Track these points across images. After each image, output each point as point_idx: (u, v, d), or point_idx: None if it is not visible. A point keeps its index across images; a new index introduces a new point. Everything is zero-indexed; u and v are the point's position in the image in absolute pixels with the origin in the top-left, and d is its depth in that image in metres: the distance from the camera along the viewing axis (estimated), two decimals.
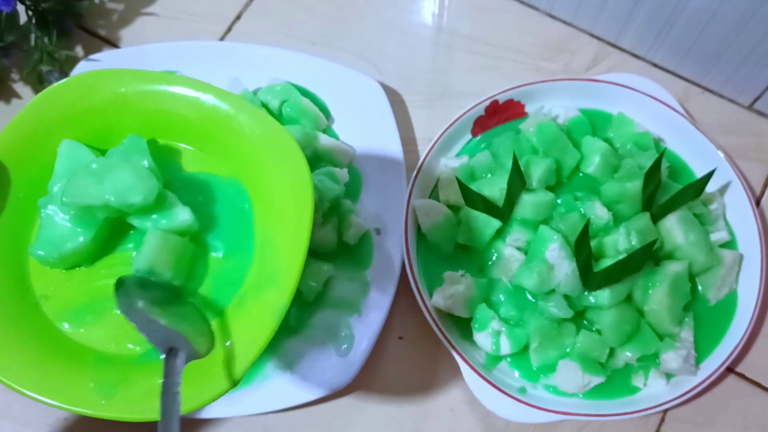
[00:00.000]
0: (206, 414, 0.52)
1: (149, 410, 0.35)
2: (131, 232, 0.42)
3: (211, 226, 0.42)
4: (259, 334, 0.36)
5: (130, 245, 0.42)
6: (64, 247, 0.39)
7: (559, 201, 0.56)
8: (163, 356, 0.33)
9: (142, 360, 0.38)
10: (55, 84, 0.42)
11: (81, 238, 0.39)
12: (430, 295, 0.54)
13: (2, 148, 0.40)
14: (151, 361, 0.38)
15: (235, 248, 0.42)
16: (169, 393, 0.32)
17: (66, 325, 0.39)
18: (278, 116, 0.61)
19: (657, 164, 0.54)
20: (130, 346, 0.39)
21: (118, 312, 0.36)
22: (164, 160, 0.43)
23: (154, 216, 0.40)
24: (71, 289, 0.40)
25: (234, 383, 0.35)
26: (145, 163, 0.40)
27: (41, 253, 0.39)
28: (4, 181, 0.39)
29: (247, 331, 0.37)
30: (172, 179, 0.42)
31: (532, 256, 0.53)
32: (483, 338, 0.53)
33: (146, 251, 0.39)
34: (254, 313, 0.37)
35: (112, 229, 0.41)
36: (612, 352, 0.52)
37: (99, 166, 0.39)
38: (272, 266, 0.38)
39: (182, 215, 0.40)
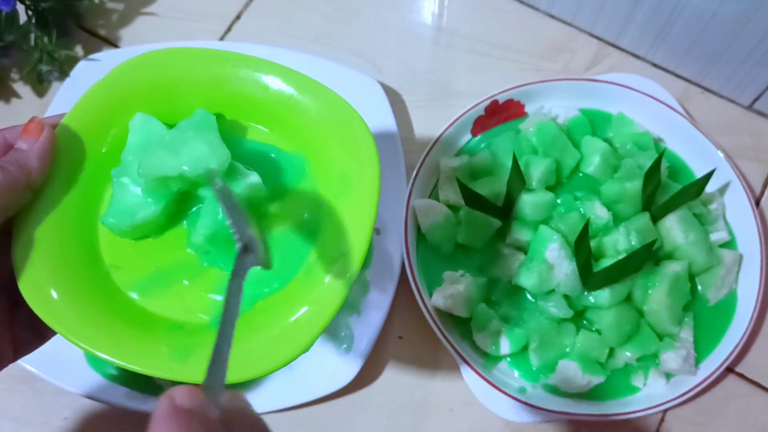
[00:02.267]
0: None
1: (228, 374, 0.36)
2: (194, 208, 0.43)
3: (275, 197, 0.43)
4: (331, 299, 0.37)
5: (188, 222, 0.43)
6: (137, 217, 0.40)
7: (558, 201, 0.56)
8: (239, 246, 0.33)
9: (211, 327, 0.39)
10: (126, 61, 0.43)
11: (153, 208, 0.40)
12: (430, 295, 0.54)
13: (76, 120, 0.41)
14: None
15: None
16: (234, 292, 0.31)
17: (135, 295, 0.40)
18: None
19: (657, 164, 0.54)
20: (200, 315, 0.40)
21: (211, 214, 0.37)
22: (230, 134, 0.44)
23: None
24: (139, 261, 0.40)
25: (309, 345, 0.36)
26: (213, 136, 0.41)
27: (112, 221, 0.39)
28: (80, 152, 0.40)
29: (320, 297, 0.38)
30: (236, 152, 0.42)
31: (532, 256, 0.53)
32: (482, 338, 0.53)
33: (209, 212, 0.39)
34: (324, 281, 0.38)
35: (179, 203, 0.42)
36: (612, 352, 0.52)
37: (171, 138, 0.40)
38: (339, 240, 0.39)
39: (251, 178, 0.40)
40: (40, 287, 0.36)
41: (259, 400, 0.52)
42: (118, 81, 0.42)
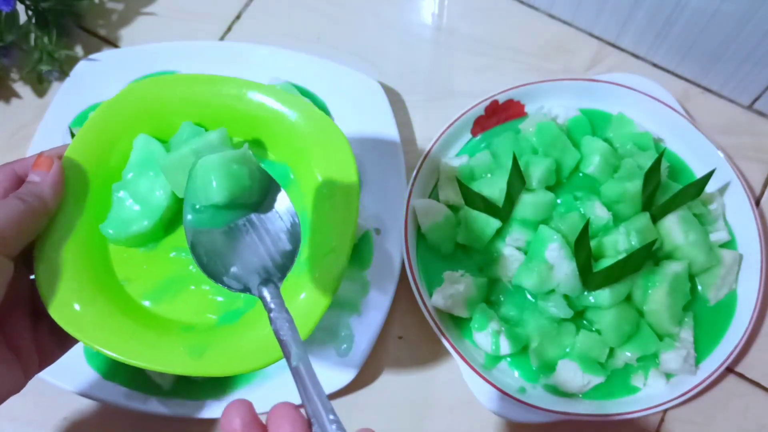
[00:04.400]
0: (205, 414, 0.52)
1: (242, 364, 0.39)
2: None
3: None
4: (322, 296, 0.40)
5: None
6: (130, 229, 0.43)
7: (558, 201, 0.56)
8: (263, 290, 0.35)
9: (221, 325, 0.42)
10: (116, 95, 0.46)
11: (145, 222, 0.43)
12: (430, 295, 0.54)
13: (79, 149, 0.44)
14: (229, 325, 0.42)
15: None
16: (285, 326, 0.34)
17: (148, 303, 0.43)
18: None
19: (657, 164, 0.54)
20: (209, 315, 0.43)
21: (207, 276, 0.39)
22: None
23: None
24: (149, 273, 0.44)
25: (304, 337, 0.39)
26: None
27: (110, 231, 0.43)
28: (84, 178, 0.43)
29: (312, 291, 0.40)
30: None
31: (532, 256, 0.53)
32: (482, 338, 0.53)
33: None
34: (315, 277, 0.41)
35: (176, 214, 0.45)
36: (612, 352, 0.52)
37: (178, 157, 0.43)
38: (325, 238, 0.42)
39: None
40: (63, 303, 0.39)
41: (259, 400, 0.52)
42: (111, 112, 0.45)
